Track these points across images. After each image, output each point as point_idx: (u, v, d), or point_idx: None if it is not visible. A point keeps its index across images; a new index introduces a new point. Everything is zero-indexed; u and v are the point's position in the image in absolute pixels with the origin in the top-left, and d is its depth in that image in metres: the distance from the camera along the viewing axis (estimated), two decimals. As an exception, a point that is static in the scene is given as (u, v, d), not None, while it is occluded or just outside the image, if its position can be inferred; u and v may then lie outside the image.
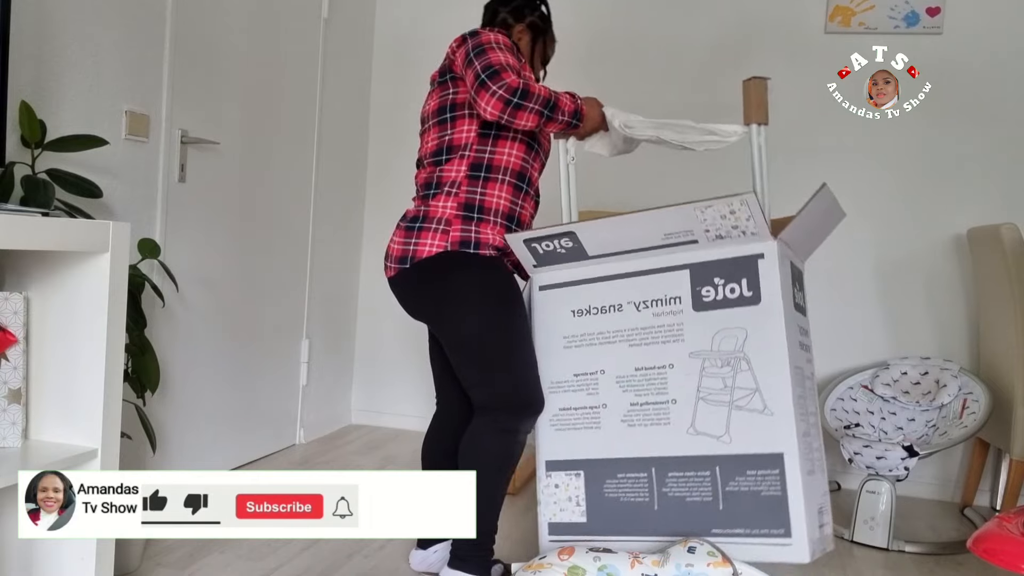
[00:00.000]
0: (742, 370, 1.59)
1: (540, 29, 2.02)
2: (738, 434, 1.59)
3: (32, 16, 1.87)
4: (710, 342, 1.63)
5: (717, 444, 1.60)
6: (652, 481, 1.66)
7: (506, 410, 1.82)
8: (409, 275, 1.82)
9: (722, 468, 1.59)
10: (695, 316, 1.64)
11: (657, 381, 1.66)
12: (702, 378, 1.63)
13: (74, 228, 1.52)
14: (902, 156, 3.09)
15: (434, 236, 1.80)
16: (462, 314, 1.81)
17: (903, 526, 2.61)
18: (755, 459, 1.56)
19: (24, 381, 1.56)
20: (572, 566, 1.61)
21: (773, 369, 1.57)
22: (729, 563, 1.60)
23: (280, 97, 2.93)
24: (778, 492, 1.54)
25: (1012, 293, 2.55)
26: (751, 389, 1.58)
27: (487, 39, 1.78)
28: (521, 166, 1.86)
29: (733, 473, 1.58)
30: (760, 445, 1.56)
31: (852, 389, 2.93)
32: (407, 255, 1.82)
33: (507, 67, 1.72)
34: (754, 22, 3.20)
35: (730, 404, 1.60)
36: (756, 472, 1.56)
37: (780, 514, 1.53)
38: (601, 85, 3.42)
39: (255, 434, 2.93)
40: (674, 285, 1.66)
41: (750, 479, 1.56)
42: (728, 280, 1.62)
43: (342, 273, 3.52)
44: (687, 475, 1.62)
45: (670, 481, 1.64)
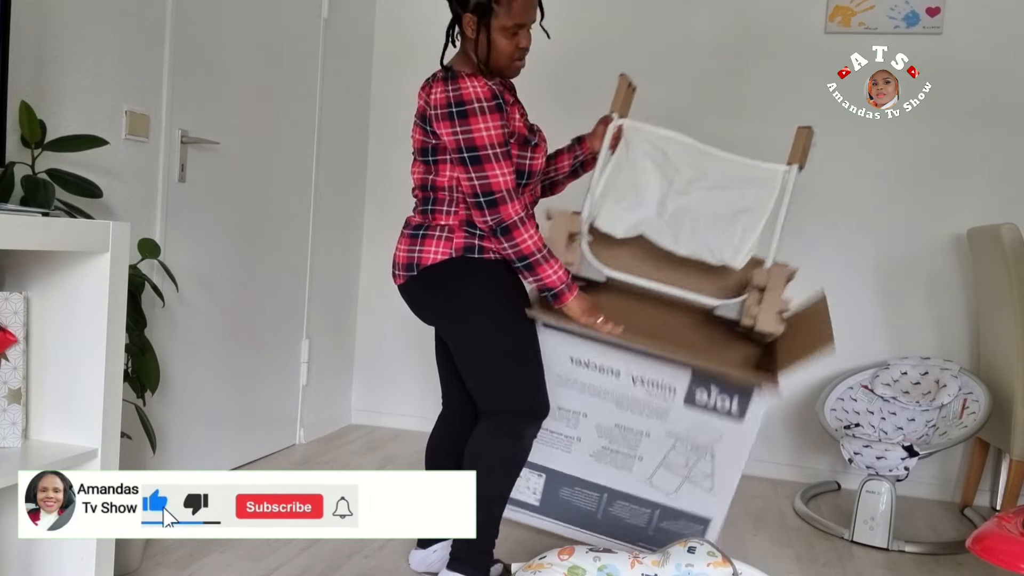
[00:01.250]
0: (705, 459, 1.86)
1: (485, 6, 1.75)
2: (683, 496, 1.90)
3: (32, 16, 1.87)
4: (687, 430, 1.85)
5: (664, 496, 1.91)
6: (602, 500, 1.95)
7: (510, 414, 1.83)
8: (416, 282, 1.83)
9: (662, 512, 1.92)
10: (683, 409, 1.84)
11: (631, 440, 1.88)
12: (670, 452, 1.87)
13: (74, 228, 1.52)
14: (902, 156, 3.09)
15: (438, 243, 1.81)
16: (468, 319, 1.82)
17: (903, 526, 2.61)
18: (690, 515, 1.90)
19: (24, 381, 1.56)
20: (572, 566, 1.61)
21: (730, 468, 1.86)
22: (729, 563, 1.60)
23: (280, 97, 2.93)
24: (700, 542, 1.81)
25: (1012, 293, 2.55)
26: (707, 474, 1.86)
27: (480, 140, 1.71)
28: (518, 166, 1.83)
29: (668, 517, 1.92)
30: (698, 508, 1.89)
31: (852, 389, 2.93)
32: (412, 262, 1.83)
33: (509, 195, 1.73)
34: (754, 22, 3.20)
35: (686, 477, 1.89)
36: (686, 522, 1.90)
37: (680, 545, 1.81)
38: (601, 85, 3.42)
39: (255, 434, 2.93)
40: (674, 377, 1.82)
41: (679, 524, 1.90)
42: (723, 392, 1.81)
43: (342, 273, 3.51)
44: (632, 506, 1.93)
45: (617, 505, 1.94)
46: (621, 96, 2.06)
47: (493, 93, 1.74)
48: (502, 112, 1.75)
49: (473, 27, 1.78)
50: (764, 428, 3.18)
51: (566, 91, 3.25)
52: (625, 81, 2.10)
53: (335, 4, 3.22)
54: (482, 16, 1.76)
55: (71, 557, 1.56)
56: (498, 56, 1.79)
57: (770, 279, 1.84)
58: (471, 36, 1.80)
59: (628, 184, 1.96)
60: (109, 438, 1.58)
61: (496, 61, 1.80)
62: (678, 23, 3.29)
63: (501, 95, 1.78)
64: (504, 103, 1.78)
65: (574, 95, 3.35)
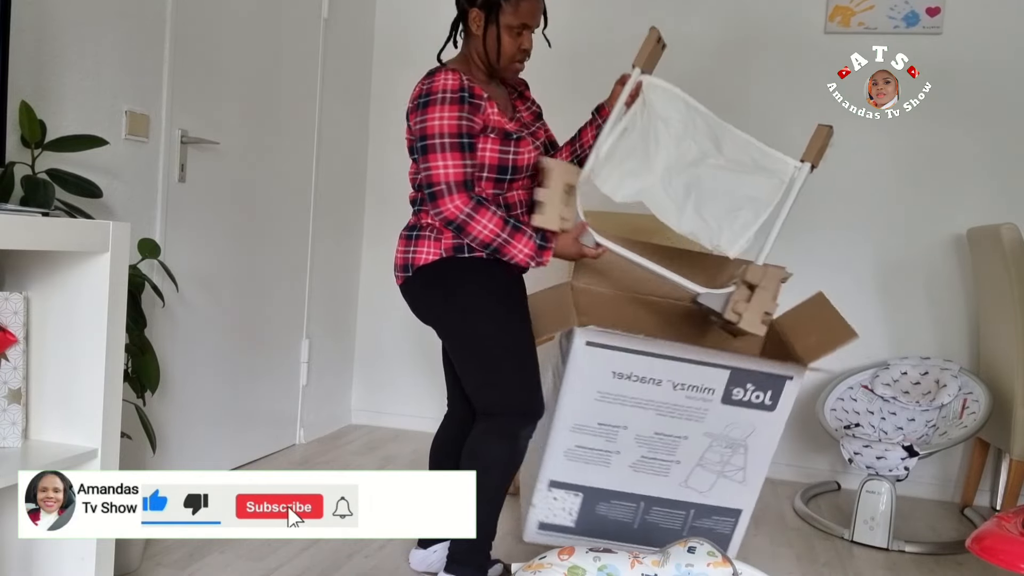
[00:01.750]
0: (738, 453, 1.94)
1: (493, 4, 1.76)
2: (716, 492, 1.97)
3: (32, 16, 1.87)
4: (724, 428, 1.92)
5: (698, 495, 1.98)
6: (639, 510, 1.99)
7: (506, 415, 1.82)
8: (413, 282, 1.84)
9: (696, 511, 1.99)
10: (720, 408, 1.90)
11: (670, 445, 1.93)
12: (706, 452, 1.93)
13: (74, 228, 1.52)
14: (902, 156, 3.09)
15: (429, 244, 1.81)
16: (463, 318, 1.82)
17: (903, 526, 2.61)
18: (722, 509, 1.99)
19: (24, 381, 1.56)
20: (572, 566, 1.61)
21: (762, 457, 1.95)
22: (729, 563, 1.60)
23: (280, 97, 2.93)
24: (728, 532, 2.01)
25: (1012, 293, 2.55)
26: (739, 467, 1.95)
27: (431, 129, 1.71)
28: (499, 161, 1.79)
29: (702, 515, 1.99)
30: (727, 500, 1.98)
31: (852, 389, 2.93)
32: (408, 263, 1.84)
33: (449, 188, 1.70)
34: (754, 22, 3.20)
35: (720, 473, 1.96)
36: (719, 517, 1.99)
37: (723, 546, 1.94)
38: (601, 85, 3.42)
39: (255, 434, 2.93)
40: (712, 379, 1.88)
41: (712, 520, 1.99)
42: (757, 388, 1.90)
43: (342, 273, 3.51)
44: (667, 511, 1.99)
45: (653, 512, 1.99)
46: (648, 50, 1.95)
47: (460, 85, 1.72)
48: (463, 104, 1.71)
49: (479, 23, 1.78)
50: (764, 428, 3.19)
51: (566, 91, 3.25)
52: (655, 35, 1.97)
53: (335, 4, 3.22)
54: (489, 12, 1.76)
55: (71, 557, 1.56)
56: (502, 55, 1.80)
57: (764, 278, 1.80)
58: (476, 32, 1.80)
59: (637, 146, 1.87)
60: (109, 438, 1.58)
61: (498, 59, 1.81)
62: (678, 23, 3.29)
63: (470, 89, 1.74)
64: (474, 97, 1.74)
65: (574, 95, 3.35)
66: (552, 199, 1.76)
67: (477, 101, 1.75)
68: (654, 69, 1.96)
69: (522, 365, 1.83)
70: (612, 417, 1.89)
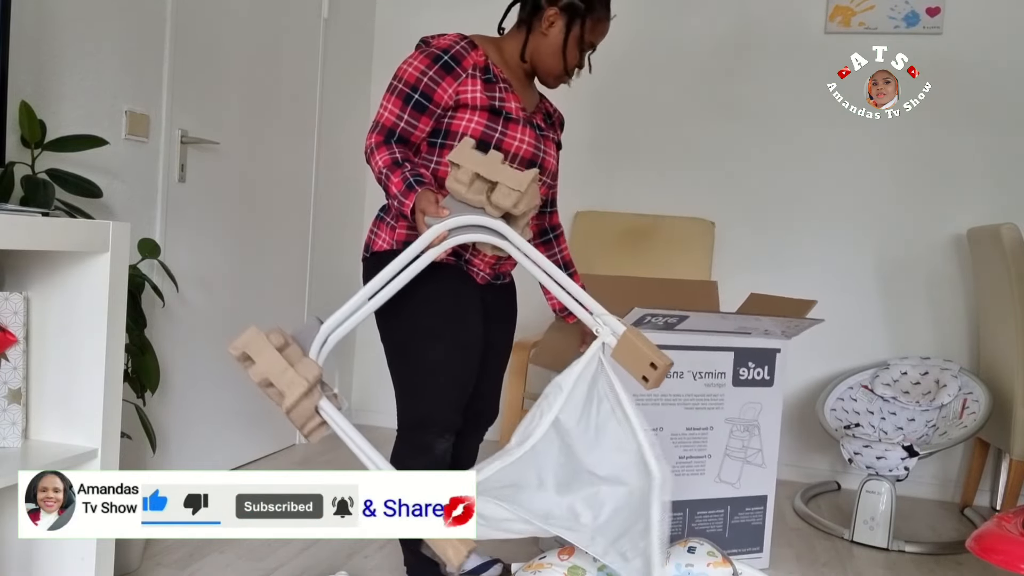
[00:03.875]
0: (755, 434, 2.08)
1: (578, 11, 1.72)
2: (744, 482, 2.10)
3: (32, 16, 1.87)
4: (739, 411, 2.07)
5: (731, 489, 2.09)
6: (685, 518, 2.06)
7: (423, 427, 1.76)
8: (369, 264, 1.78)
9: (732, 506, 2.11)
10: (732, 390, 2.05)
11: (700, 440, 2.05)
12: (730, 439, 2.07)
13: (74, 228, 1.52)
14: (902, 156, 3.09)
15: (386, 230, 1.76)
16: (393, 316, 1.72)
17: (903, 526, 2.61)
18: (751, 499, 2.11)
19: (24, 381, 1.56)
20: (572, 566, 1.61)
21: (771, 435, 2.10)
22: (729, 563, 1.60)
23: (280, 97, 2.93)
24: (760, 523, 2.14)
25: (1012, 293, 2.55)
26: (757, 449, 2.09)
27: (399, 71, 1.70)
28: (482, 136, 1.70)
29: (737, 510, 2.11)
30: (755, 489, 2.11)
31: (852, 389, 2.93)
32: (368, 243, 1.80)
33: (374, 126, 1.69)
34: (754, 22, 3.20)
35: (744, 460, 2.09)
36: (751, 508, 2.12)
37: (759, 537, 2.15)
38: (600, 85, 3.43)
39: (255, 434, 2.93)
40: (721, 363, 2.04)
41: (747, 513, 2.11)
42: (757, 364, 2.07)
43: (342, 273, 3.51)
44: (709, 513, 2.09)
45: (698, 518, 2.08)
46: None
47: (447, 47, 1.69)
48: (436, 64, 1.66)
49: (552, 24, 1.74)
50: (764, 428, 3.19)
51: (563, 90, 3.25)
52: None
53: (335, 4, 3.22)
54: (571, 19, 1.73)
55: (71, 557, 1.56)
56: (565, 62, 1.77)
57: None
58: (544, 32, 1.75)
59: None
60: (109, 438, 1.58)
61: (556, 65, 1.77)
62: (678, 23, 3.29)
63: (456, 56, 1.68)
64: (456, 63, 1.67)
65: (572, 94, 3.35)
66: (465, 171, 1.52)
67: (458, 68, 1.68)
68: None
69: (436, 380, 1.74)
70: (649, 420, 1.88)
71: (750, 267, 3.20)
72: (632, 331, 1.40)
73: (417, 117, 1.68)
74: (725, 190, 3.25)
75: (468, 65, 1.70)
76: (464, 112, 1.69)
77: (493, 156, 1.48)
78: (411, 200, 1.56)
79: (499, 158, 1.49)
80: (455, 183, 1.46)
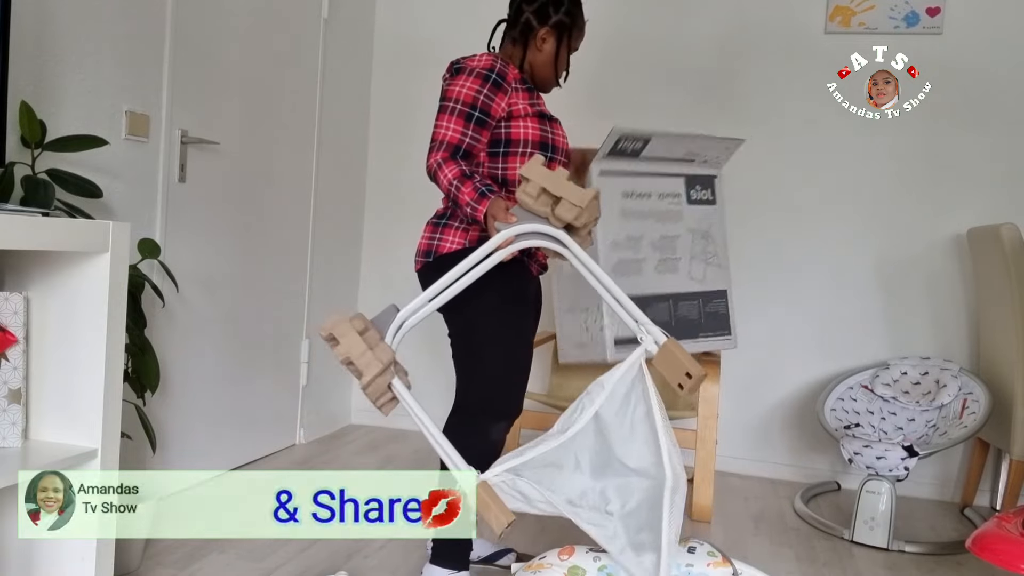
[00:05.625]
0: (710, 242, 2.50)
1: (565, 26, 1.94)
2: (709, 278, 2.50)
3: (32, 16, 1.87)
4: (696, 223, 2.47)
5: (700, 284, 2.50)
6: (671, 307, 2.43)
7: (483, 412, 1.85)
8: (431, 269, 1.86)
9: (703, 298, 2.50)
10: (688, 207, 2.47)
11: (672, 244, 2.44)
12: (692, 245, 2.48)
13: (74, 228, 1.52)
14: (902, 156, 3.09)
15: (455, 233, 1.86)
16: (465, 309, 1.81)
17: (903, 526, 2.61)
18: (715, 293, 2.52)
19: (24, 381, 1.56)
20: (572, 566, 1.61)
21: (723, 240, 2.52)
22: (729, 563, 1.60)
23: (280, 97, 2.93)
24: (725, 311, 2.53)
25: (1012, 293, 2.55)
26: (714, 253, 2.51)
27: (451, 93, 1.82)
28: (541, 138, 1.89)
29: (706, 301, 2.50)
30: (717, 284, 2.52)
31: (852, 389, 2.93)
32: (431, 249, 1.88)
33: (439, 145, 1.79)
34: (754, 22, 3.20)
35: (706, 261, 2.49)
36: (716, 300, 2.51)
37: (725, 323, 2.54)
38: (600, 85, 3.43)
39: (255, 434, 2.93)
40: (677, 186, 2.45)
41: (714, 304, 2.51)
42: (703, 188, 2.49)
43: (342, 273, 3.52)
44: (687, 303, 2.47)
45: (680, 306, 2.45)
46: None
47: (492, 65, 1.83)
48: (487, 82, 1.82)
49: (545, 40, 1.93)
50: (764, 428, 3.20)
51: (566, 91, 3.25)
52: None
53: (335, 4, 3.22)
54: (561, 33, 1.93)
55: (71, 557, 1.56)
56: (557, 68, 1.96)
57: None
58: (540, 48, 1.94)
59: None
60: (109, 438, 1.58)
61: (550, 72, 1.96)
62: (678, 23, 3.29)
63: (501, 72, 1.84)
64: (503, 80, 1.84)
65: (573, 94, 3.35)
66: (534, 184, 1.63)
67: (504, 84, 1.84)
68: None
69: (511, 371, 1.87)
70: (632, 230, 2.33)
71: (750, 267, 3.20)
72: (672, 342, 1.53)
73: (480, 132, 1.83)
74: (725, 190, 3.24)
75: (511, 80, 1.87)
76: (518, 121, 1.87)
77: (559, 173, 1.62)
78: (483, 206, 1.70)
79: (564, 175, 1.61)
80: (524, 195, 1.61)
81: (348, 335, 1.55)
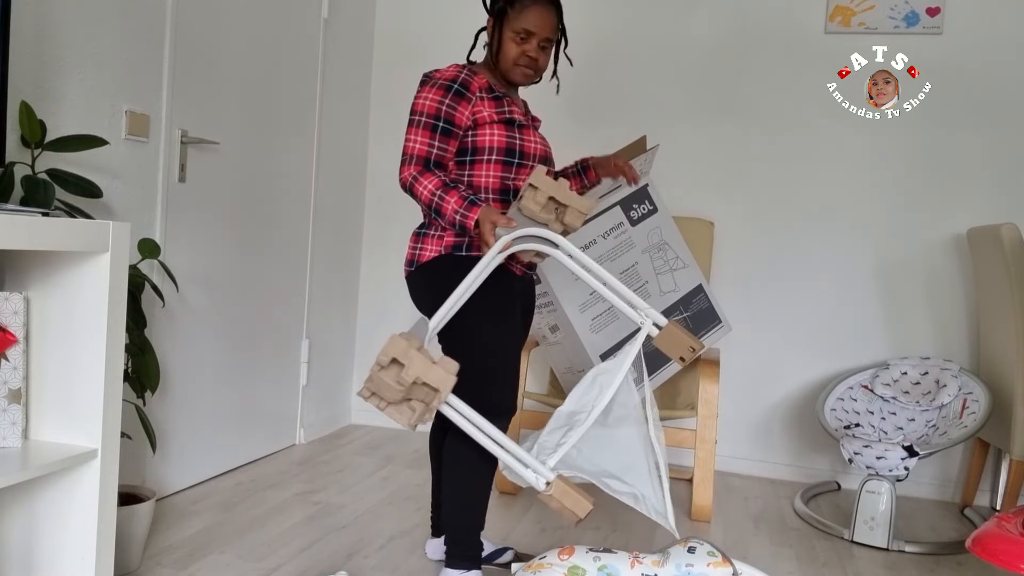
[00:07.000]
0: (668, 250, 2.59)
1: (503, 10, 1.91)
2: (680, 283, 2.62)
3: (32, 16, 1.87)
4: (647, 240, 2.57)
5: (675, 293, 2.63)
6: None
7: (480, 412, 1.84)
8: (416, 277, 1.93)
9: (683, 303, 2.63)
10: (633, 229, 2.55)
11: (634, 274, 2.57)
12: (653, 262, 2.58)
13: (74, 228, 1.52)
14: (902, 156, 3.10)
15: (432, 242, 1.91)
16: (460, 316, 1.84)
17: (903, 526, 2.61)
18: (692, 292, 2.63)
19: (24, 381, 1.56)
20: (572, 566, 1.62)
21: (677, 241, 2.61)
22: (729, 563, 1.60)
23: (280, 97, 2.93)
24: (708, 305, 2.66)
25: (1012, 293, 2.55)
26: (675, 257, 2.61)
27: (416, 106, 1.86)
28: (501, 183, 1.90)
29: (687, 304, 2.63)
30: (690, 284, 2.64)
31: (852, 389, 2.93)
32: (414, 258, 1.93)
33: (410, 159, 1.85)
34: (754, 22, 3.20)
35: (671, 270, 2.60)
36: (696, 298, 2.64)
37: (713, 315, 2.67)
38: (601, 86, 3.43)
39: (255, 434, 2.93)
40: (616, 217, 2.54)
41: (696, 303, 2.63)
42: (639, 203, 2.56)
43: (342, 273, 3.52)
44: (673, 316, 2.61)
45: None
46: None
47: (454, 76, 1.87)
48: (449, 92, 1.85)
49: (491, 29, 1.96)
50: (764, 427, 3.21)
51: (566, 91, 3.25)
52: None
53: (335, 4, 3.22)
54: (498, 18, 1.93)
55: (71, 557, 1.56)
56: (504, 57, 1.93)
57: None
58: (490, 39, 1.97)
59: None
60: (109, 438, 1.58)
61: (502, 62, 1.93)
62: (678, 23, 3.30)
63: (464, 83, 1.86)
64: (466, 89, 1.86)
65: (574, 94, 3.35)
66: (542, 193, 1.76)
67: (468, 93, 1.86)
68: None
69: (501, 364, 1.88)
70: (587, 285, 2.36)
71: (750, 267, 3.20)
72: (673, 323, 1.70)
73: (446, 141, 1.87)
74: (725, 190, 3.25)
75: (475, 89, 1.88)
76: (483, 128, 1.88)
77: (562, 183, 1.73)
78: (474, 214, 1.75)
79: (567, 184, 1.74)
80: (532, 203, 1.72)
81: (413, 356, 1.55)
